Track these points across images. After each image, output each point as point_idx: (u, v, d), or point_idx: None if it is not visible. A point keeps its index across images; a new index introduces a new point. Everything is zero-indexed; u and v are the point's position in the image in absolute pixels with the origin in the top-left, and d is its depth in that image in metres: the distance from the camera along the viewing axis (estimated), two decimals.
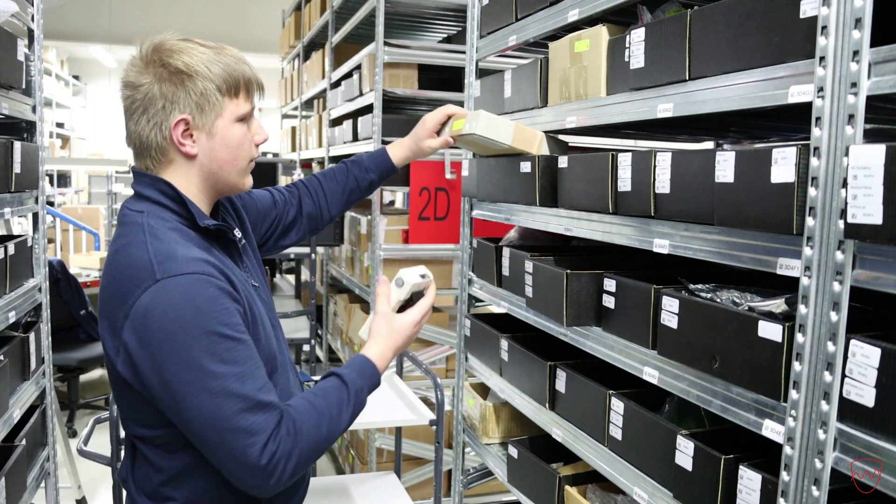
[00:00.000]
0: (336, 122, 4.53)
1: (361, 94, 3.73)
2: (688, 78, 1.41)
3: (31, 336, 2.21)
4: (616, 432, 1.65)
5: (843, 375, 1.06)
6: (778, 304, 1.26)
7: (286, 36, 6.48)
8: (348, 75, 4.09)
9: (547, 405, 1.95)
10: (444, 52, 3.53)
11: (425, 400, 2.58)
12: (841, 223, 1.05)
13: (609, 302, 1.67)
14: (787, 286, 1.25)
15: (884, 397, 1.00)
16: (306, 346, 3.94)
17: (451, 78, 3.74)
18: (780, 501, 1.17)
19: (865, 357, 1.03)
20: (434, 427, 2.23)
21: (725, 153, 1.26)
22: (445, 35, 4.37)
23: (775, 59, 1.20)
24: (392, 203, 6.41)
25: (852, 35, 1.04)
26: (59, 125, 10.76)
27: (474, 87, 2.41)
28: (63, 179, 10.07)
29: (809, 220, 1.11)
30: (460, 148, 1.97)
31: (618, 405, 1.64)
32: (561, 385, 1.90)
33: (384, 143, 3.38)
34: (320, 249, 4.46)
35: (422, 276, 1.45)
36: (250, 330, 1.28)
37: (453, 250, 3.42)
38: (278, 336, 1.44)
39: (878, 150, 0.96)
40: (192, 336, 1.16)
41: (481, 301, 2.47)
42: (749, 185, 1.21)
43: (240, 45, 1.40)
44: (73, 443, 2.80)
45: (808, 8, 1.13)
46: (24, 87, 2.15)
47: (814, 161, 1.10)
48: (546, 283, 1.83)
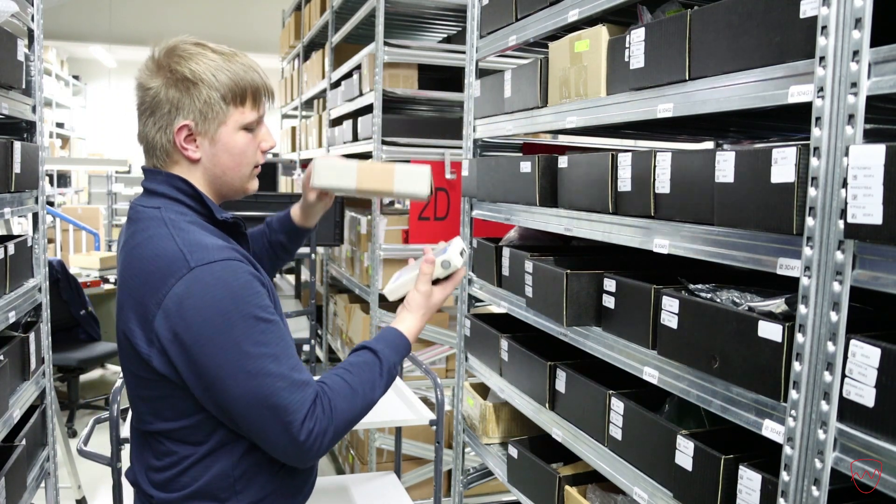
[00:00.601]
0: (336, 122, 4.53)
1: (361, 94, 3.73)
2: (688, 78, 1.41)
3: (31, 336, 2.21)
4: (616, 432, 1.65)
5: (843, 375, 1.06)
6: (778, 304, 1.26)
7: (286, 36, 6.49)
8: (348, 75, 4.09)
9: (547, 405, 1.95)
10: (444, 52, 3.53)
11: (425, 400, 2.58)
12: (841, 223, 1.05)
13: (609, 302, 1.67)
14: (787, 286, 1.25)
15: (884, 397, 1.01)
16: (306, 346, 3.94)
17: (451, 78, 3.74)
18: (780, 501, 1.17)
19: (865, 357, 1.03)
20: (434, 427, 2.23)
21: (725, 153, 1.26)
22: (445, 35, 4.38)
23: (775, 59, 1.20)
24: (392, 203, 6.41)
25: (852, 35, 1.04)
26: (59, 125, 10.75)
27: (474, 87, 2.41)
28: (63, 179, 10.07)
29: (809, 220, 1.11)
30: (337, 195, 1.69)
31: (618, 405, 1.64)
32: (561, 385, 1.90)
33: (384, 142, 3.40)
34: (320, 249, 4.46)
35: (461, 254, 1.48)
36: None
37: None
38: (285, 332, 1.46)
39: (878, 150, 0.96)
40: (229, 320, 1.20)
41: (481, 301, 2.47)
42: (749, 185, 1.21)
43: (240, 45, 1.40)
44: (73, 443, 2.80)
45: (808, 8, 1.13)
46: (24, 87, 2.15)
47: (814, 161, 1.10)
48: (546, 283, 1.83)
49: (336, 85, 4.46)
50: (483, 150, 2.50)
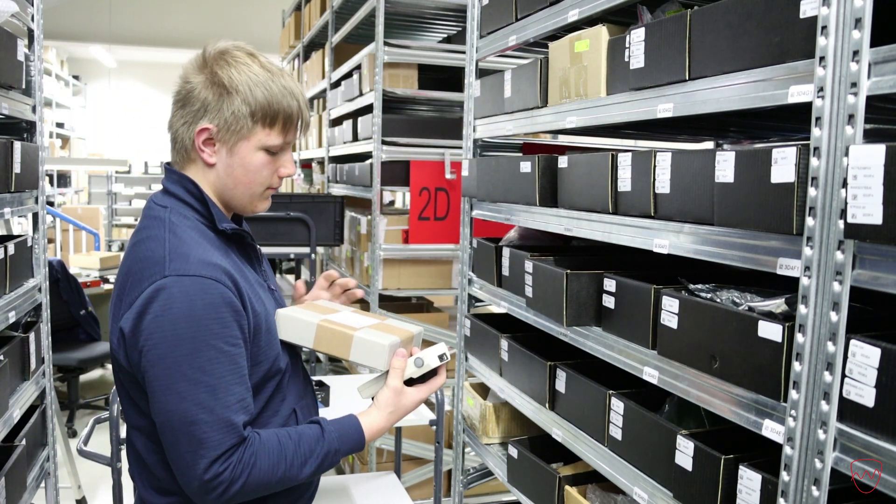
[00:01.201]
0: (336, 122, 4.53)
1: (361, 94, 3.73)
2: (688, 78, 1.41)
3: (31, 336, 2.21)
4: (616, 432, 1.65)
5: (843, 375, 1.06)
6: (778, 304, 1.26)
7: (286, 36, 6.49)
8: (348, 75, 4.09)
9: (547, 405, 1.95)
10: (444, 52, 3.53)
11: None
12: (841, 223, 1.05)
13: (609, 302, 1.67)
14: (787, 286, 1.25)
15: (884, 397, 1.00)
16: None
17: (451, 78, 3.74)
18: (780, 501, 1.17)
19: (865, 357, 1.03)
20: (434, 427, 2.23)
21: (725, 153, 1.26)
22: (445, 35, 4.37)
23: (775, 59, 1.19)
24: (392, 203, 6.41)
25: (852, 35, 1.04)
26: (59, 125, 10.74)
27: (474, 87, 2.41)
28: (63, 179, 10.06)
29: (809, 220, 1.11)
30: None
31: (618, 405, 1.64)
32: (561, 385, 1.90)
33: (384, 142, 3.40)
34: (320, 249, 4.46)
35: (440, 358, 1.41)
36: (251, 338, 1.28)
37: (453, 250, 3.42)
38: None
39: (878, 150, 0.96)
40: (179, 338, 1.19)
41: (481, 301, 2.47)
42: (749, 185, 1.21)
43: (228, 39, 1.39)
44: (73, 443, 2.80)
45: (808, 8, 1.13)
46: (24, 87, 2.15)
47: (814, 161, 1.10)
48: (546, 283, 1.83)
49: (336, 85, 4.46)
50: (483, 150, 2.50)
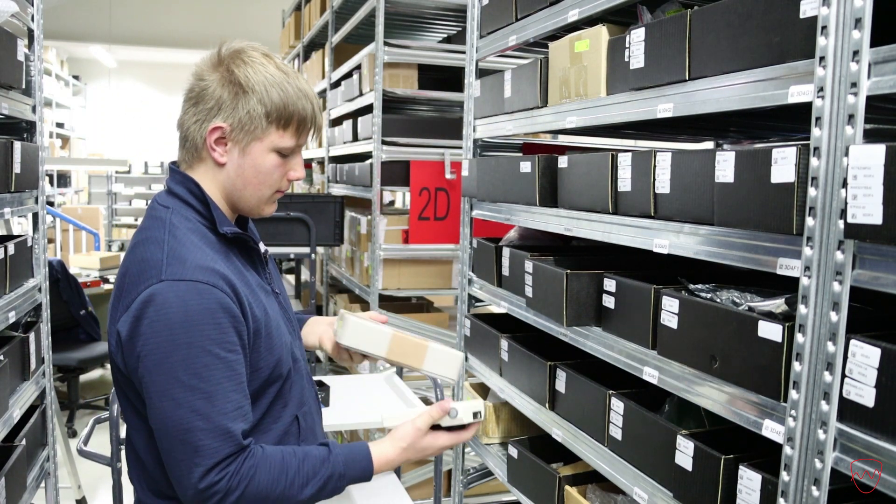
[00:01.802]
0: (336, 122, 4.53)
1: (361, 94, 3.73)
2: (688, 78, 1.41)
3: (31, 336, 2.21)
4: (616, 432, 1.65)
5: (843, 375, 1.06)
6: (778, 304, 1.26)
7: (286, 36, 6.48)
8: (348, 75, 4.09)
9: (547, 405, 1.95)
10: (444, 52, 3.53)
11: (425, 400, 2.58)
12: (841, 223, 1.05)
13: (609, 302, 1.67)
14: (787, 286, 1.25)
15: (884, 397, 1.00)
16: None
17: (451, 78, 3.74)
18: (780, 501, 1.17)
19: (865, 357, 1.03)
20: None
21: (725, 153, 1.26)
22: (445, 35, 4.37)
23: (775, 59, 1.19)
24: (392, 203, 6.41)
25: (852, 35, 1.04)
26: (59, 125, 10.73)
27: (474, 87, 2.41)
28: (63, 179, 10.06)
29: (809, 220, 1.11)
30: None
31: (618, 405, 1.64)
32: (561, 385, 1.90)
33: (384, 142, 3.39)
34: (320, 249, 4.46)
35: (474, 416, 1.37)
36: (250, 344, 1.27)
37: (453, 250, 3.42)
38: (294, 343, 1.43)
39: (878, 150, 0.96)
40: (174, 343, 1.18)
41: (481, 301, 2.47)
42: (749, 185, 1.21)
43: (242, 40, 1.39)
44: (73, 443, 2.80)
45: (808, 8, 1.13)
46: (24, 87, 2.15)
47: (814, 161, 1.10)
48: (546, 283, 1.83)
49: (336, 85, 4.46)
50: (483, 150, 2.50)
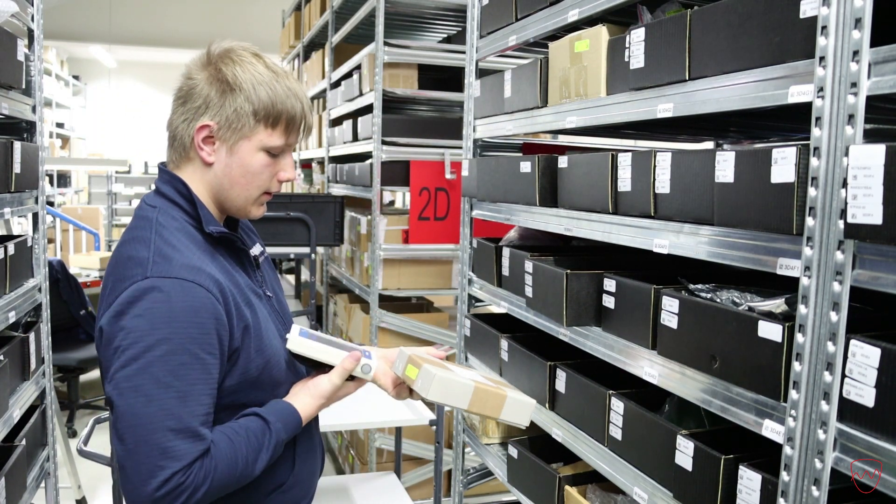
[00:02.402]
0: (336, 122, 4.53)
1: (361, 94, 3.73)
2: (688, 78, 1.41)
3: (31, 336, 2.21)
4: (616, 432, 1.65)
5: (843, 375, 1.06)
6: (778, 304, 1.26)
7: (286, 36, 6.49)
8: (348, 75, 4.09)
9: (547, 405, 1.95)
10: (444, 52, 3.53)
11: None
12: (841, 223, 1.05)
13: (609, 302, 1.67)
14: (787, 286, 1.25)
15: (884, 397, 1.01)
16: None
17: (451, 78, 3.74)
18: (780, 501, 1.17)
19: (865, 357, 1.03)
20: (434, 427, 2.23)
21: (725, 153, 1.26)
22: (445, 35, 4.37)
23: (775, 59, 1.20)
24: (392, 203, 6.41)
25: (852, 35, 1.04)
26: (59, 125, 10.74)
27: (474, 87, 2.41)
28: (63, 179, 10.07)
29: (809, 220, 1.11)
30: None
31: (618, 405, 1.64)
32: (561, 385, 1.90)
33: (384, 142, 3.39)
34: (320, 249, 4.46)
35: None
36: (240, 342, 1.26)
37: (453, 250, 3.42)
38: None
39: (878, 150, 0.96)
40: (153, 338, 1.16)
41: (481, 301, 2.47)
42: (749, 185, 1.21)
43: (233, 39, 1.39)
44: (73, 443, 2.80)
45: (808, 8, 1.13)
46: (24, 87, 2.15)
47: (814, 161, 1.10)
48: (546, 283, 1.83)
49: (336, 85, 4.46)
50: (483, 150, 2.50)
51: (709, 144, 2.59)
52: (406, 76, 3.48)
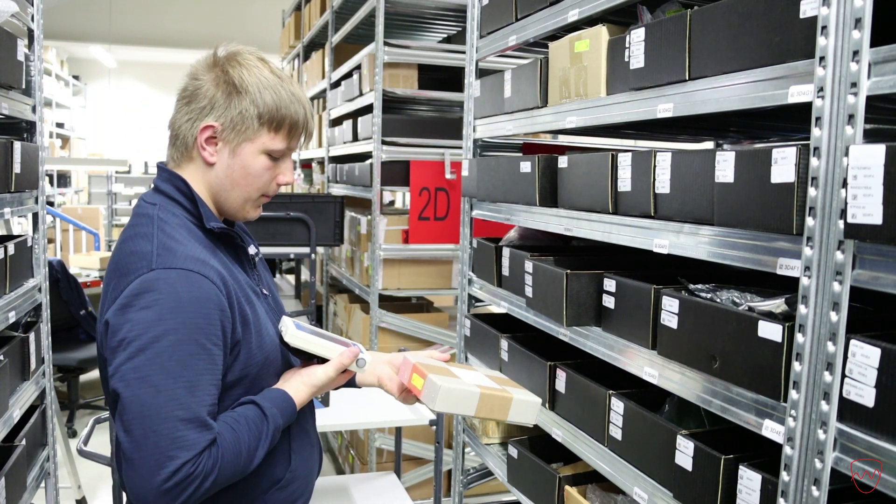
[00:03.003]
0: (336, 122, 4.53)
1: (361, 94, 3.73)
2: (688, 78, 1.41)
3: (31, 336, 2.21)
4: (616, 432, 1.65)
5: (843, 375, 1.06)
6: (778, 304, 1.26)
7: (286, 36, 6.48)
8: (348, 75, 4.09)
9: (547, 405, 1.95)
10: (444, 52, 3.53)
11: None
12: (841, 223, 1.05)
13: (609, 302, 1.67)
14: (787, 286, 1.25)
15: (884, 397, 1.01)
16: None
17: (451, 78, 3.74)
18: (780, 501, 1.17)
19: (865, 357, 1.03)
20: (434, 427, 2.23)
21: (725, 153, 1.26)
22: (445, 35, 4.37)
23: (775, 59, 1.20)
24: (392, 203, 6.41)
25: (852, 35, 1.04)
26: (59, 125, 10.74)
27: (474, 87, 2.41)
28: (63, 179, 10.07)
29: (809, 220, 1.11)
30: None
31: (618, 405, 1.64)
32: (561, 385, 1.90)
33: (384, 142, 3.39)
34: (320, 249, 4.46)
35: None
36: (240, 335, 1.27)
37: (453, 250, 3.42)
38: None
39: (878, 150, 0.96)
40: (161, 329, 1.17)
41: (481, 301, 2.47)
42: (749, 185, 1.21)
43: (239, 43, 1.40)
44: (73, 443, 2.80)
45: (808, 8, 1.13)
46: (24, 87, 2.15)
47: (814, 161, 1.10)
48: (546, 283, 1.83)
49: (336, 85, 4.46)
50: (483, 150, 2.50)
51: (709, 144, 2.59)
52: (406, 76, 3.48)
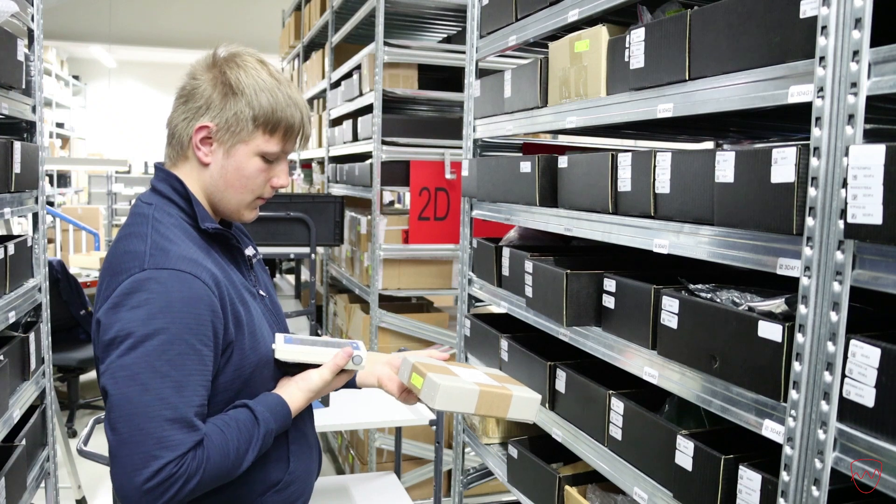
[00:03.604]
0: (336, 122, 4.53)
1: (361, 95, 3.73)
2: (688, 78, 1.41)
3: (31, 336, 2.21)
4: (616, 432, 1.65)
5: (843, 375, 1.06)
6: (778, 304, 1.26)
7: (286, 36, 6.48)
8: (348, 75, 4.09)
9: (547, 405, 1.95)
10: (444, 52, 3.53)
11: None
12: (841, 223, 1.05)
13: (609, 302, 1.67)
14: (787, 286, 1.25)
15: (884, 397, 1.01)
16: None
17: (451, 78, 3.74)
18: (780, 501, 1.17)
19: (865, 357, 1.03)
20: (434, 427, 2.23)
21: (725, 153, 1.26)
22: (445, 35, 4.37)
23: (775, 59, 1.20)
24: (392, 203, 6.41)
25: (852, 35, 1.04)
26: (59, 125, 10.75)
27: (474, 87, 2.41)
28: (63, 179, 10.07)
29: (809, 220, 1.11)
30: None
31: (618, 405, 1.64)
32: (561, 385, 1.90)
33: (384, 142, 3.39)
34: (320, 249, 4.46)
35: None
36: (234, 337, 1.27)
37: (453, 250, 3.42)
38: None
39: (878, 150, 0.96)
40: (151, 328, 1.17)
41: (481, 301, 2.47)
42: (749, 185, 1.21)
43: (240, 45, 1.40)
44: (73, 443, 2.80)
45: (808, 8, 1.13)
46: (24, 87, 2.15)
47: (814, 161, 1.10)
48: (546, 283, 1.83)
49: (336, 85, 4.46)
50: (483, 150, 2.50)
51: (709, 144, 2.59)
52: (406, 76, 3.48)
